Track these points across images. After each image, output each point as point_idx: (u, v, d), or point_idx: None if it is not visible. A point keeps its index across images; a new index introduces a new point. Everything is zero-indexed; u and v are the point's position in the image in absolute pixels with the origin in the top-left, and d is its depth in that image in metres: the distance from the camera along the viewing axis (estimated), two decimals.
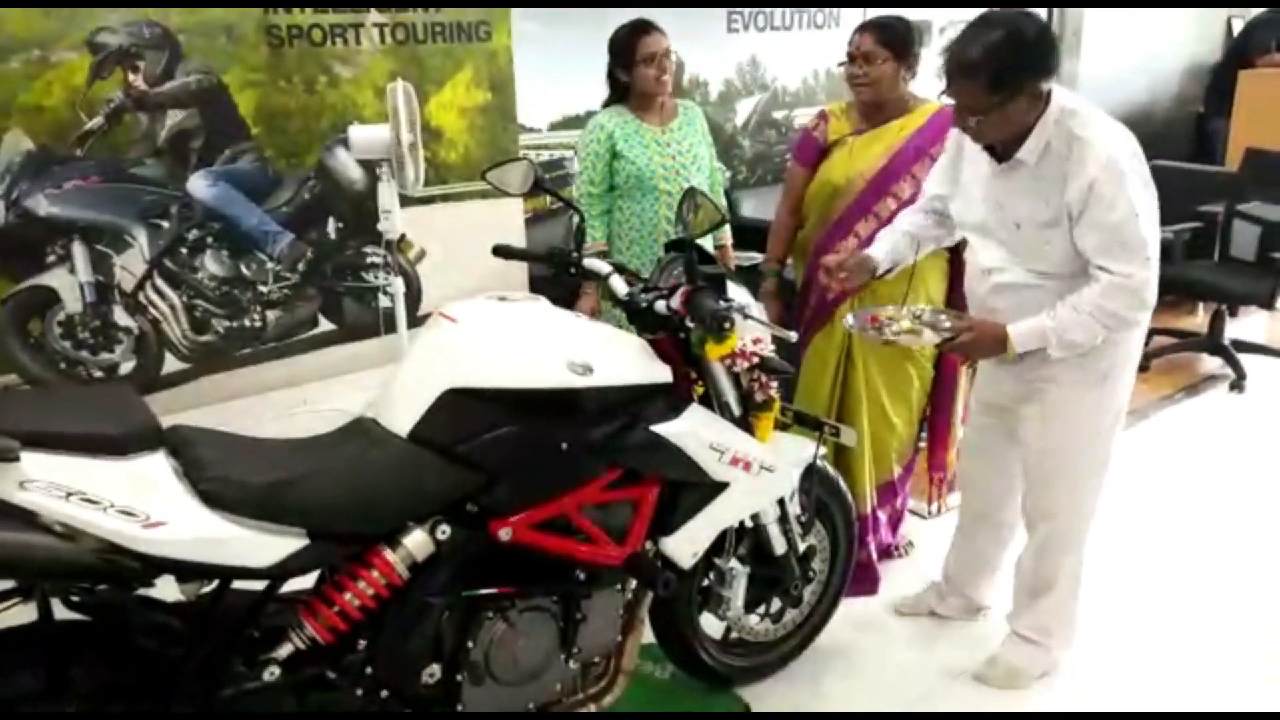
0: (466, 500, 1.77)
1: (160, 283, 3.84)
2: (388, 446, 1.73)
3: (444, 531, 1.73)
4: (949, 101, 2.64)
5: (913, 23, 2.69)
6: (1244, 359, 4.32)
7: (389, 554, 1.69)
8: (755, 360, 2.01)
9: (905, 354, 2.66)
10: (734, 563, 2.22)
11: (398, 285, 3.98)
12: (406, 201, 3.94)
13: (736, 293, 2.01)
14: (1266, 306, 4.08)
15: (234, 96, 3.86)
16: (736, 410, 2.06)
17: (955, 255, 2.63)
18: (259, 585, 1.63)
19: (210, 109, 3.82)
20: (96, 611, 1.56)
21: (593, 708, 2.02)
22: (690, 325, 1.95)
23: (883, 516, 2.86)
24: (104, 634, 1.55)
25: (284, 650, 1.64)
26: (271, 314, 4.17)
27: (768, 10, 5.16)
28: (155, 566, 1.47)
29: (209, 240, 3.93)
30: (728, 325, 1.80)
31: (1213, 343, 4.44)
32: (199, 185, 3.85)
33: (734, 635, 2.40)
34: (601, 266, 2.13)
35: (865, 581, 2.78)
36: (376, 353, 4.42)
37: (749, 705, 2.37)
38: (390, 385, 1.84)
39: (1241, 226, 4.39)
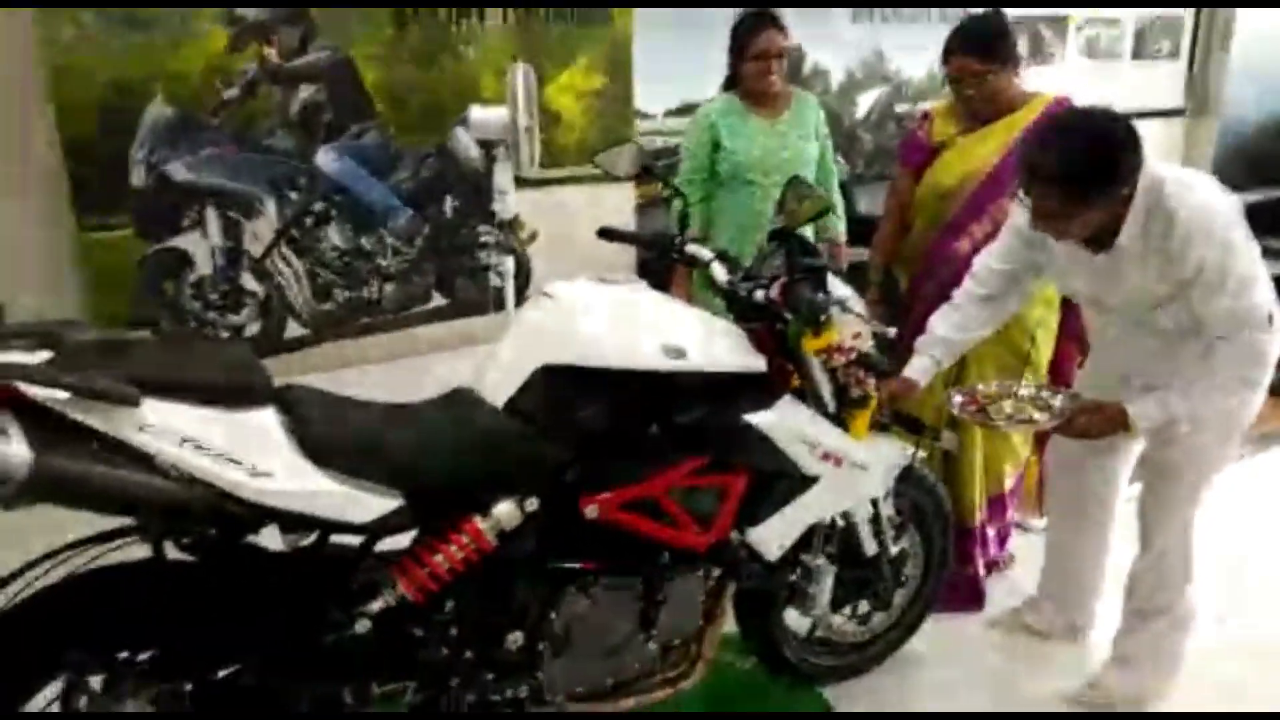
0: (560, 473, 1.79)
1: (286, 250, 4.01)
2: (483, 416, 1.77)
3: (532, 504, 1.76)
4: (1061, 94, 2.57)
5: (1003, 15, 2.57)
6: None
7: (480, 521, 1.73)
8: (853, 355, 1.98)
9: (1020, 359, 2.57)
10: (821, 560, 2.19)
11: (508, 264, 4.06)
12: (522, 183, 4.02)
13: (837, 286, 1.98)
14: None
15: (361, 72, 4.00)
16: (831, 405, 2.04)
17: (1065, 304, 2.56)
18: (355, 541, 1.70)
19: (338, 84, 3.96)
20: (205, 554, 1.65)
21: (670, 691, 2.03)
22: (788, 316, 1.93)
23: (991, 531, 2.78)
24: (209, 576, 1.64)
25: (376, 605, 1.70)
26: (389, 286, 4.30)
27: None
28: (260, 514, 1.54)
29: (332, 212, 4.08)
30: (824, 318, 1.78)
31: None
32: (326, 158, 4.00)
33: (819, 634, 2.37)
34: (703, 253, 2.12)
35: (971, 597, 2.71)
36: (485, 329, 4.52)
37: (830, 705, 2.35)
38: (491, 358, 1.88)
39: None
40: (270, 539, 1.66)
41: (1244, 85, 6.36)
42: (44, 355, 1.47)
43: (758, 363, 1.91)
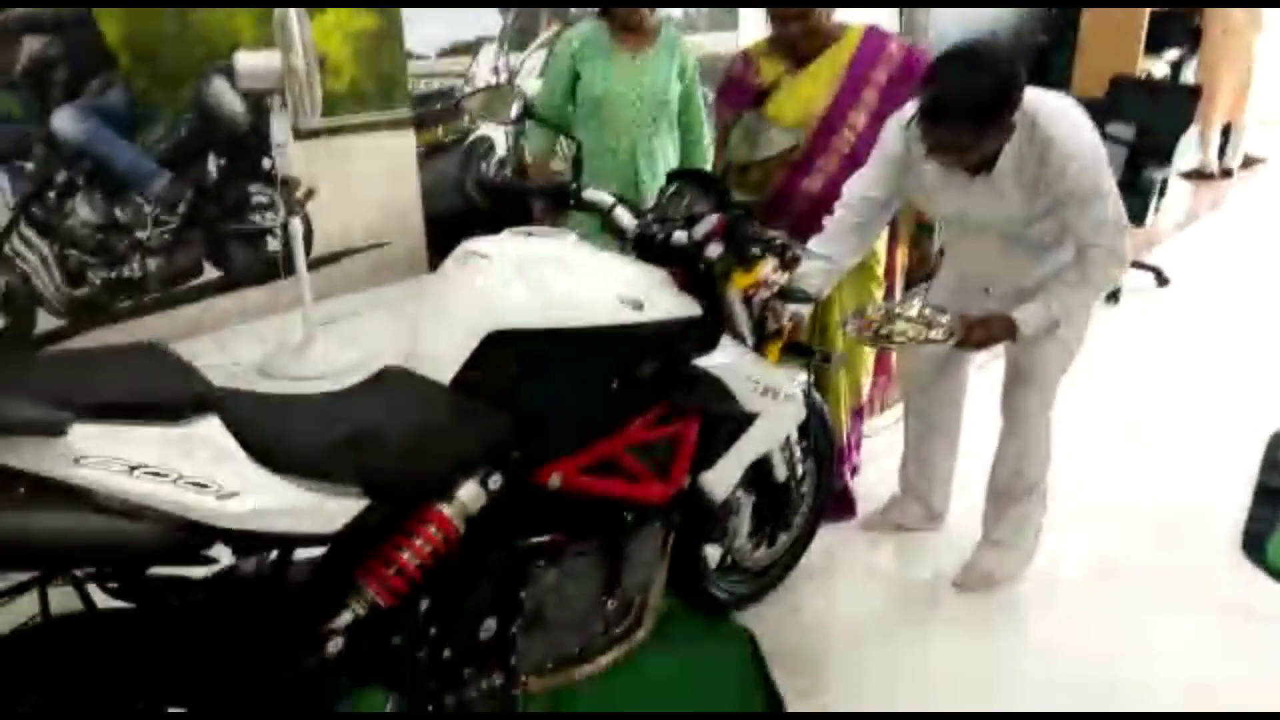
0: (510, 448, 1.68)
1: (27, 231, 3.44)
2: (431, 396, 1.62)
3: (495, 481, 1.64)
4: (867, 24, 2.69)
5: None
6: None
7: (445, 508, 1.59)
8: (774, 289, 1.99)
9: (871, 275, 2.70)
10: (739, 492, 2.22)
11: (295, 226, 3.73)
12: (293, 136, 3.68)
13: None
14: (1137, 223, 4.39)
15: (99, 22, 3.46)
16: (750, 340, 2.04)
17: None
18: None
19: (72, 35, 3.41)
20: (139, 597, 1.40)
21: (627, 646, 1.99)
22: (711, 256, 1.90)
23: (853, 440, 2.92)
24: (154, 623, 1.40)
25: (346, 618, 1.52)
26: (152, 262, 3.81)
27: None
28: (223, 539, 1.32)
29: (79, 182, 3.54)
30: (790, 252, 1.77)
31: None
32: (65, 121, 3.45)
33: (728, 561, 2.41)
34: (604, 198, 2.03)
35: (844, 506, 2.85)
36: (269, 300, 4.14)
37: (752, 633, 2.40)
38: (422, 331, 1.71)
39: (1110, 149, 4.67)
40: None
41: (944, 14, 6.95)
42: None
43: (695, 306, 1.87)
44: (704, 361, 1.85)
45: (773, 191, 2.67)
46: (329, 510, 1.41)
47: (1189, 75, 6.54)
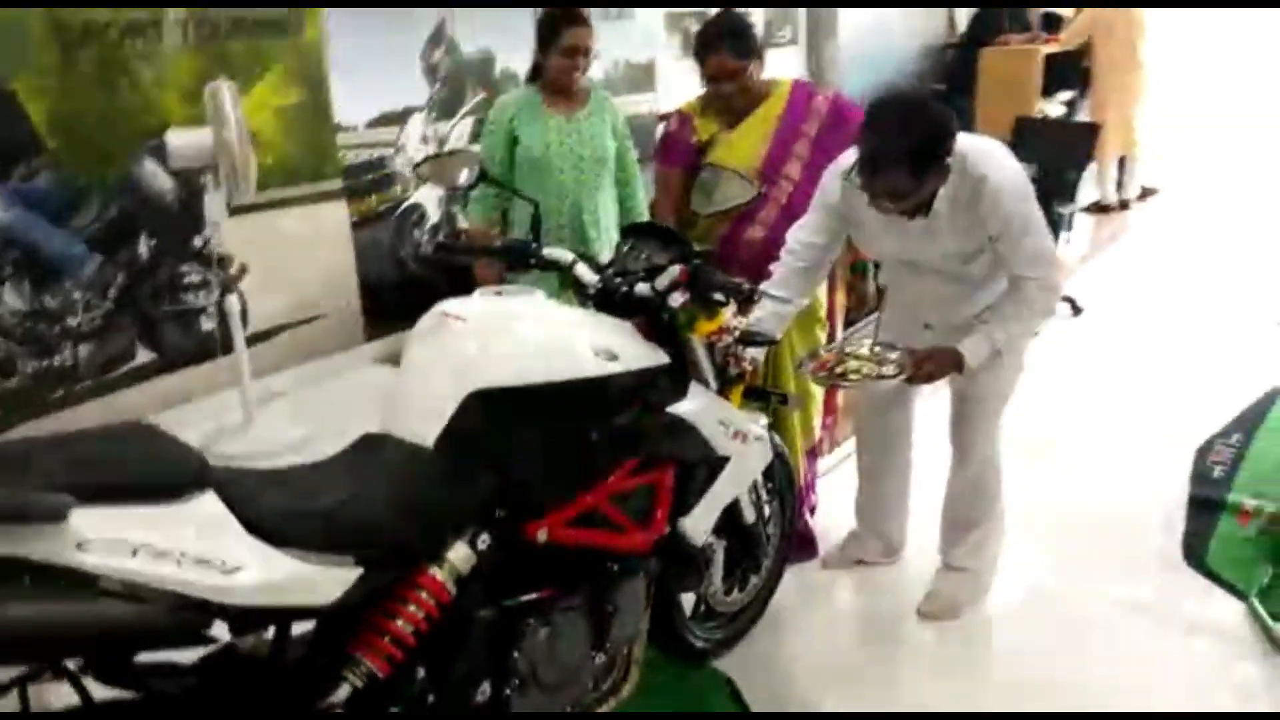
0: (495, 506, 1.70)
1: None
2: (417, 460, 1.63)
3: (484, 541, 1.65)
4: (796, 78, 2.83)
5: (742, 17, 2.79)
6: None
7: (436, 572, 1.59)
8: (736, 334, 2.06)
9: (815, 318, 2.79)
10: (712, 538, 2.25)
11: (232, 303, 3.69)
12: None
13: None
14: None
15: (24, 105, 3.41)
16: (714, 385, 2.10)
17: None
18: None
19: None
20: (131, 684, 1.37)
21: (613, 701, 2.00)
22: (674, 305, 1.95)
23: (809, 480, 2.99)
24: (153, 709, 1.37)
25: (343, 692, 1.51)
26: (84, 348, 3.72)
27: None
28: (224, 616, 1.31)
29: (6, 271, 3.45)
30: (757, 296, 1.84)
31: None
32: None
33: (702, 608, 2.44)
34: (564, 255, 2.08)
35: (806, 546, 2.90)
36: (206, 380, 4.06)
37: (731, 679, 2.42)
38: (402, 396, 1.73)
39: None
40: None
41: (850, 67, 7.26)
42: None
43: (663, 355, 1.92)
44: (679, 409, 1.90)
45: (718, 241, 2.76)
46: (326, 581, 1.41)
47: (1083, 115, 6.93)
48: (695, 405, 1.93)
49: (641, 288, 1.96)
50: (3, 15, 3.30)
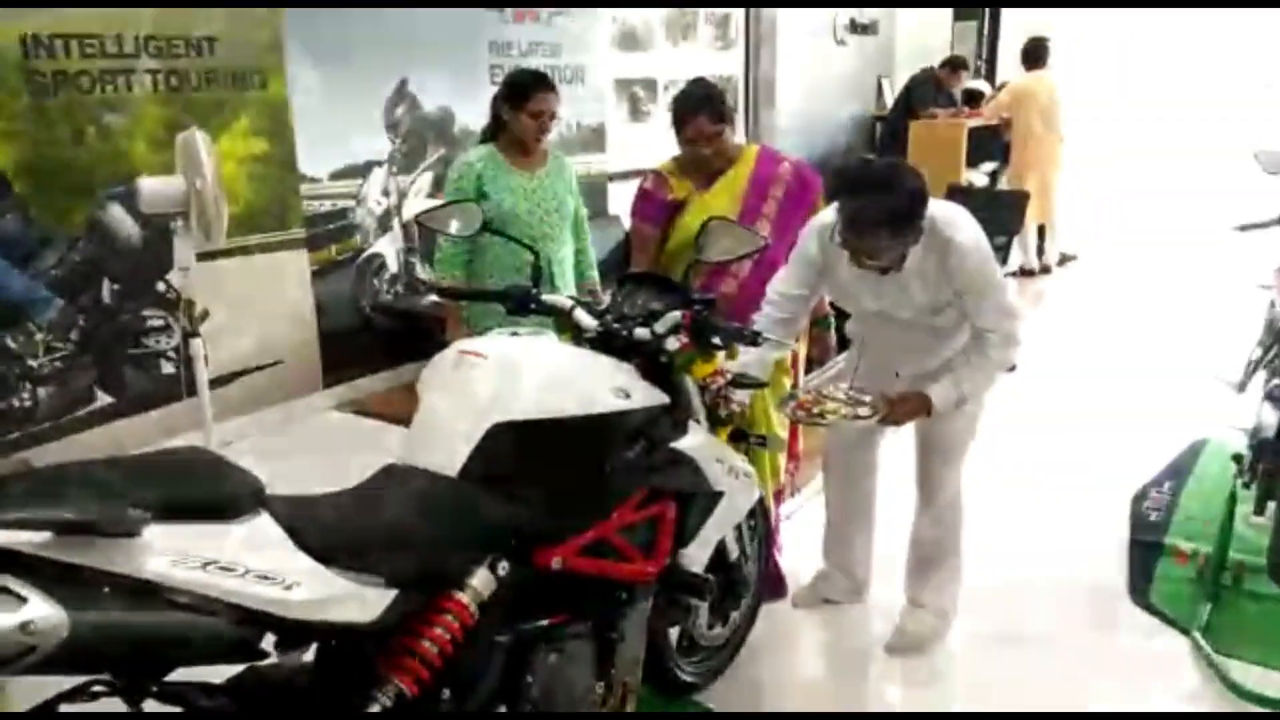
0: (511, 534, 1.77)
1: None
2: (443, 488, 1.70)
3: (504, 567, 1.72)
4: (761, 145, 3.00)
5: (715, 85, 2.97)
6: None
7: (461, 596, 1.66)
8: (728, 376, 2.18)
9: (781, 366, 2.93)
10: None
11: (197, 346, 3.67)
12: None
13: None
14: None
15: None
16: (705, 425, 2.21)
17: None
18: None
19: None
20: (171, 700, 1.40)
21: None
22: (670, 348, 2.06)
23: (775, 522, 3.09)
24: None
25: (373, 710, 1.55)
26: (43, 390, 3.69)
27: (526, 65, 5.35)
28: (281, 632, 1.36)
29: None
30: (761, 340, 1.96)
31: None
32: None
33: (685, 643, 2.52)
34: (564, 301, 2.18)
35: (777, 587, 3.00)
36: (164, 424, 4.03)
37: (710, 709, 2.49)
38: (424, 428, 1.79)
39: None
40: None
41: (787, 136, 7.57)
42: None
43: (663, 395, 2.03)
44: (681, 445, 2.00)
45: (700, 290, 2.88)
46: (369, 600, 1.47)
47: (1003, 184, 7.34)
48: (695, 442, 2.04)
49: (640, 331, 2.06)
50: None
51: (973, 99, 7.60)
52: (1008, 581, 3.09)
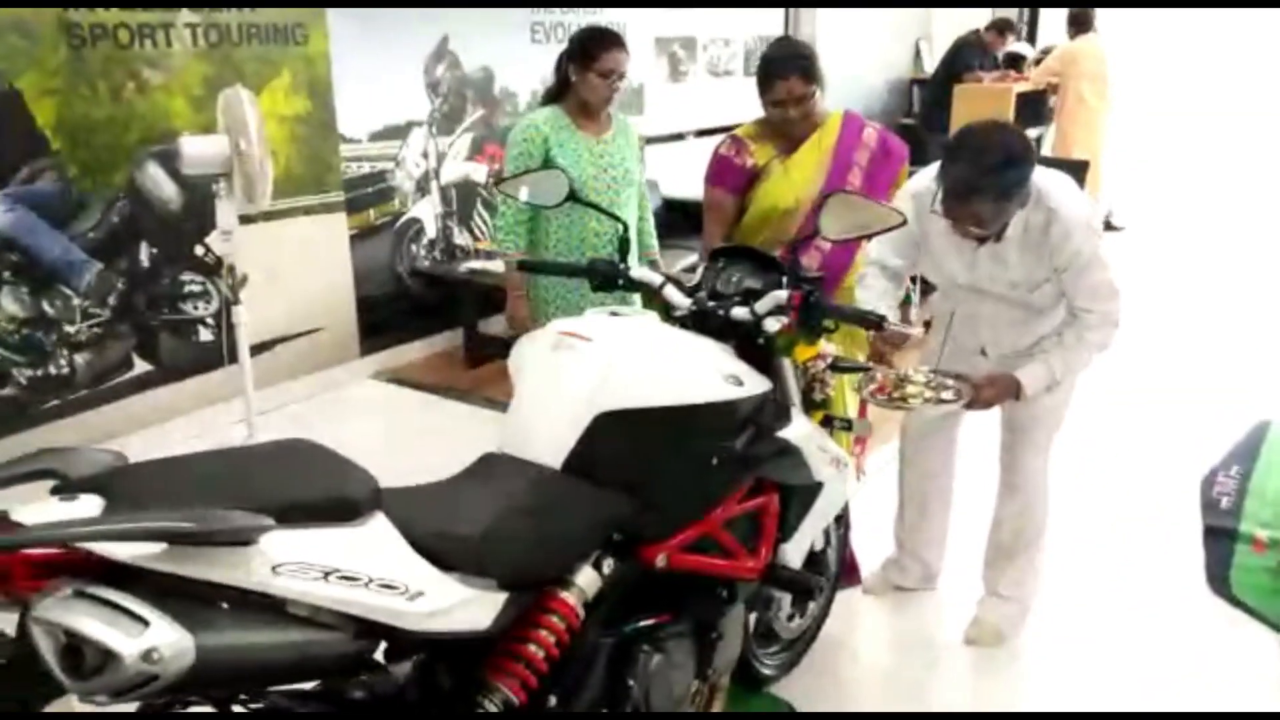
0: (614, 530, 1.66)
1: None
2: (546, 481, 1.59)
3: (609, 565, 1.62)
4: (847, 110, 2.83)
5: (807, 42, 2.81)
6: None
7: (567, 595, 1.55)
8: (829, 360, 2.06)
9: (856, 343, 2.81)
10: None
11: (239, 313, 3.56)
12: None
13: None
14: None
15: (29, 105, 3.27)
16: (801, 410, 2.10)
17: None
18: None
19: (2, 121, 3.20)
20: (271, 709, 1.30)
21: None
22: (769, 329, 1.93)
23: None
24: None
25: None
26: (80, 357, 3.58)
27: (565, 23, 5.19)
28: (396, 642, 1.26)
29: (4, 275, 3.31)
30: (886, 323, 1.83)
31: None
32: None
33: (762, 632, 2.42)
34: (653, 277, 2.05)
35: (850, 574, 2.91)
36: (203, 392, 3.93)
37: (792, 705, 2.40)
38: (524, 416, 1.68)
39: None
40: None
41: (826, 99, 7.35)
42: (94, 501, 1.08)
43: (767, 380, 1.91)
44: (787, 433, 1.88)
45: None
46: (484, 606, 1.37)
47: (1046, 151, 7.14)
48: (800, 431, 1.92)
49: (739, 311, 1.94)
50: (9, 12, 3.17)
51: (1015, 63, 7.39)
52: (1086, 571, 2.98)
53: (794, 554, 1.99)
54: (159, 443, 3.64)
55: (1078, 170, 5.22)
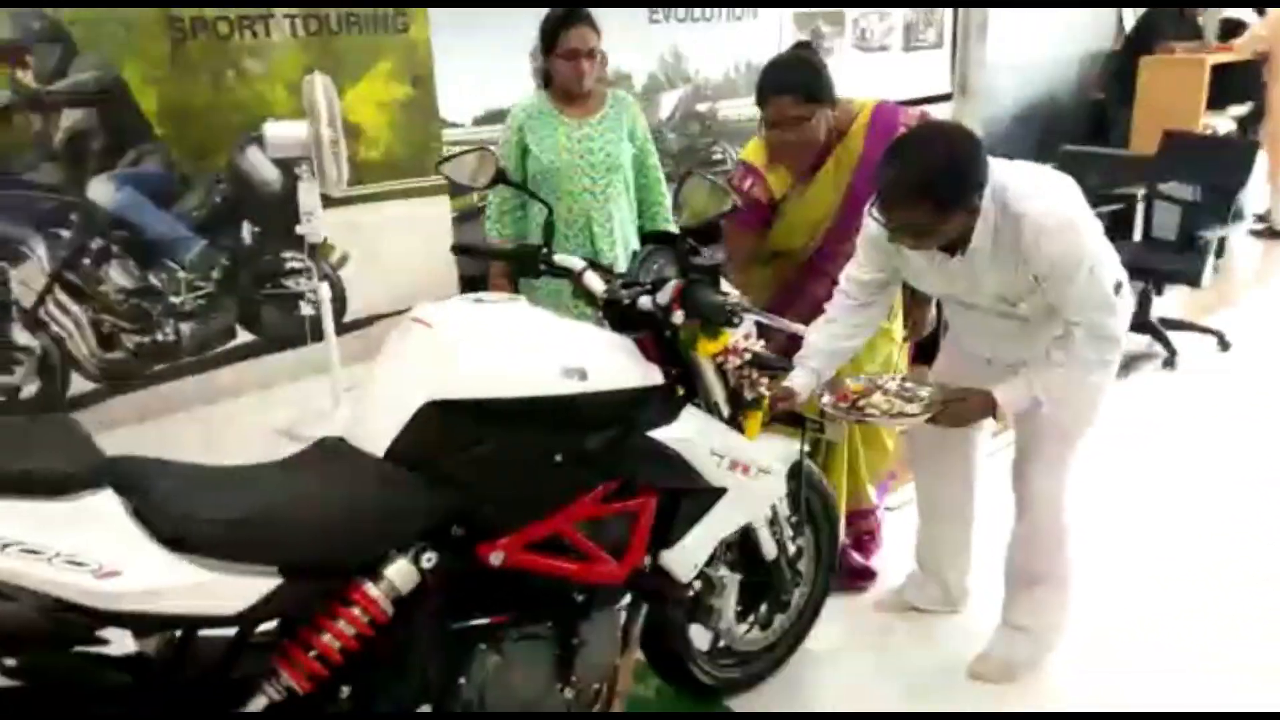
0: (451, 523, 1.61)
1: (63, 297, 3.54)
2: (361, 468, 1.57)
3: (430, 559, 1.57)
4: (878, 100, 2.53)
5: (815, 52, 2.53)
6: (1171, 336, 4.41)
7: (370, 588, 1.52)
8: (747, 356, 1.90)
9: (888, 333, 2.57)
10: (724, 570, 2.11)
11: (323, 291, 3.76)
12: (327, 203, 3.74)
13: (728, 285, 1.89)
14: (1193, 284, 4.17)
15: (135, 94, 3.58)
16: (726, 410, 1.95)
17: None
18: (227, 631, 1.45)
19: (109, 108, 3.53)
20: (33, 676, 1.35)
21: None
22: (677, 322, 1.81)
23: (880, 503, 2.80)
24: (47, 703, 1.35)
25: (257, 703, 1.46)
26: (186, 326, 3.89)
27: None
28: (109, 621, 1.27)
29: (114, 250, 3.64)
30: (736, 320, 1.68)
31: (1141, 321, 4.50)
32: (102, 190, 3.56)
33: (721, 644, 2.29)
34: (574, 262, 1.98)
35: (858, 579, 2.72)
36: (300, 364, 4.18)
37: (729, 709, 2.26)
38: (361, 401, 1.66)
39: (1162, 207, 4.49)
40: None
41: (1000, 73, 6.81)
42: None
43: (656, 375, 1.79)
44: (664, 434, 1.76)
45: (780, 291, 2.56)
46: (231, 590, 1.36)
47: (1260, 132, 6.27)
48: (685, 431, 1.79)
49: (644, 301, 1.84)
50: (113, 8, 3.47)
51: (1231, 30, 6.52)
52: (1129, 606, 2.62)
53: (679, 561, 1.86)
54: (258, 409, 3.92)
55: (1244, 151, 4.55)
